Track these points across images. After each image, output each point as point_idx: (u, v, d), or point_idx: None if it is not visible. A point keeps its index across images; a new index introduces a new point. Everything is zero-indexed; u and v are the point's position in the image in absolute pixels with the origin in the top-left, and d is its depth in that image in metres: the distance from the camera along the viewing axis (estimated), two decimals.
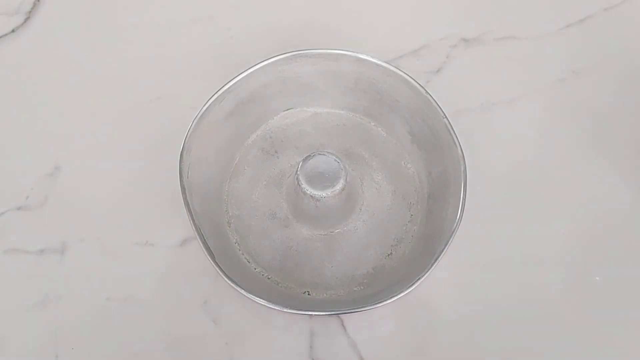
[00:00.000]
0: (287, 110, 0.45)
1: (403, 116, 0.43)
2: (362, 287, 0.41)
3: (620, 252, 0.43)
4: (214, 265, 0.37)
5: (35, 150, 0.46)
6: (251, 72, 0.42)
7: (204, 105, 0.41)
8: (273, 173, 0.44)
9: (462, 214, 0.38)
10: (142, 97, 0.48)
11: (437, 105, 0.41)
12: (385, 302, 0.36)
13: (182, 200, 0.38)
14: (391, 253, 0.42)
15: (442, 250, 0.37)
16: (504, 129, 0.46)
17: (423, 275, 0.37)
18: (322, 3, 0.51)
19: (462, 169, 0.39)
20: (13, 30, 0.50)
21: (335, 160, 0.40)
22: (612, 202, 0.44)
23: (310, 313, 0.38)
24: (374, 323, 0.41)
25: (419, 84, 0.41)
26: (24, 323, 0.41)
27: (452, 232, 0.38)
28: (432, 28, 0.50)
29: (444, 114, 0.41)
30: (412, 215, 0.43)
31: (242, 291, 0.36)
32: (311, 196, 0.39)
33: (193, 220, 0.38)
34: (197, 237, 0.38)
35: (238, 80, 0.42)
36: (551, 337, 0.40)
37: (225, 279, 0.37)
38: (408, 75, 0.42)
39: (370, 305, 0.37)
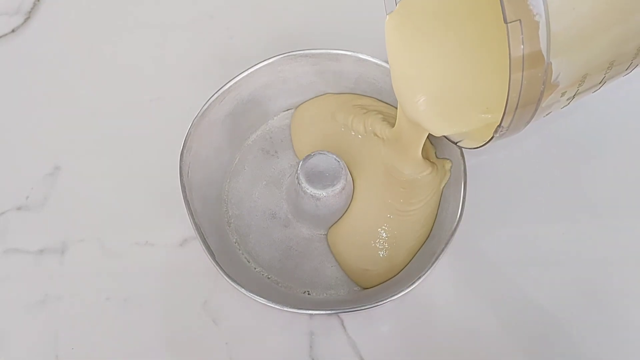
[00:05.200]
0: (287, 110, 0.46)
1: None
2: (362, 287, 0.41)
3: (622, 251, 0.43)
4: (214, 265, 0.37)
5: (35, 150, 0.46)
6: (251, 72, 0.42)
7: (204, 105, 0.41)
8: (273, 173, 0.44)
9: (462, 214, 0.38)
10: (142, 97, 0.48)
11: None
12: (385, 302, 0.36)
13: (182, 200, 0.39)
14: None
15: (442, 250, 0.37)
16: None
17: (423, 275, 0.37)
18: (322, 3, 0.51)
19: (462, 169, 0.39)
20: (13, 30, 0.50)
21: (335, 159, 0.40)
22: (612, 201, 0.44)
23: (310, 312, 0.38)
24: (374, 323, 0.41)
25: None
26: (24, 323, 0.41)
27: (452, 232, 0.38)
28: None
29: None
30: None
31: (243, 290, 0.36)
32: (311, 195, 0.39)
33: (193, 220, 0.38)
34: (197, 236, 0.38)
35: (238, 80, 0.42)
36: (551, 337, 0.40)
37: (226, 278, 0.37)
38: None
39: (370, 305, 0.37)
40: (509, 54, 0.27)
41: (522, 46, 0.26)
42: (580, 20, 0.28)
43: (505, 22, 0.26)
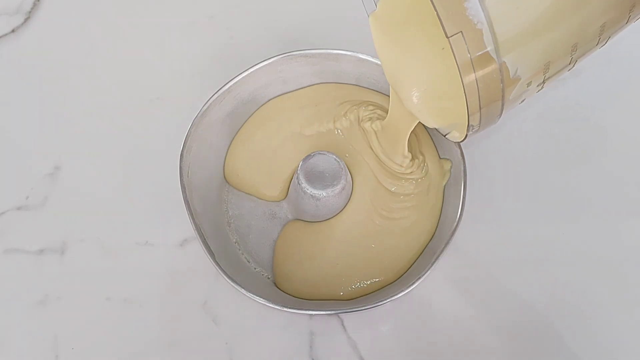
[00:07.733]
0: None
1: None
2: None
3: (624, 250, 0.43)
4: (214, 265, 0.37)
5: (35, 150, 0.46)
6: (251, 72, 0.42)
7: (204, 105, 0.41)
8: None
9: (462, 214, 0.38)
10: (142, 97, 0.48)
11: None
12: (385, 302, 0.36)
13: (182, 200, 0.38)
14: None
15: (442, 250, 0.37)
16: (504, 128, 0.46)
17: (423, 275, 0.37)
18: (322, 3, 0.51)
19: (462, 169, 0.39)
20: (13, 30, 0.50)
21: (335, 159, 0.40)
22: (613, 200, 0.44)
23: (310, 312, 0.38)
24: (374, 323, 0.41)
25: None
26: (24, 323, 0.41)
27: (452, 232, 0.38)
28: None
29: None
30: None
31: (243, 290, 0.36)
32: (311, 195, 0.39)
33: (193, 220, 0.38)
34: (197, 236, 0.38)
35: (238, 80, 0.42)
36: (550, 337, 0.40)
37: (226, 278, 0.37)
38: None
39: (370, 305, 0.37)
40: (456, 62, 0.26)
41: (468, 55, 0.26)
42: (527, 17, 0.27)
43: (447, 36, 0.26)
